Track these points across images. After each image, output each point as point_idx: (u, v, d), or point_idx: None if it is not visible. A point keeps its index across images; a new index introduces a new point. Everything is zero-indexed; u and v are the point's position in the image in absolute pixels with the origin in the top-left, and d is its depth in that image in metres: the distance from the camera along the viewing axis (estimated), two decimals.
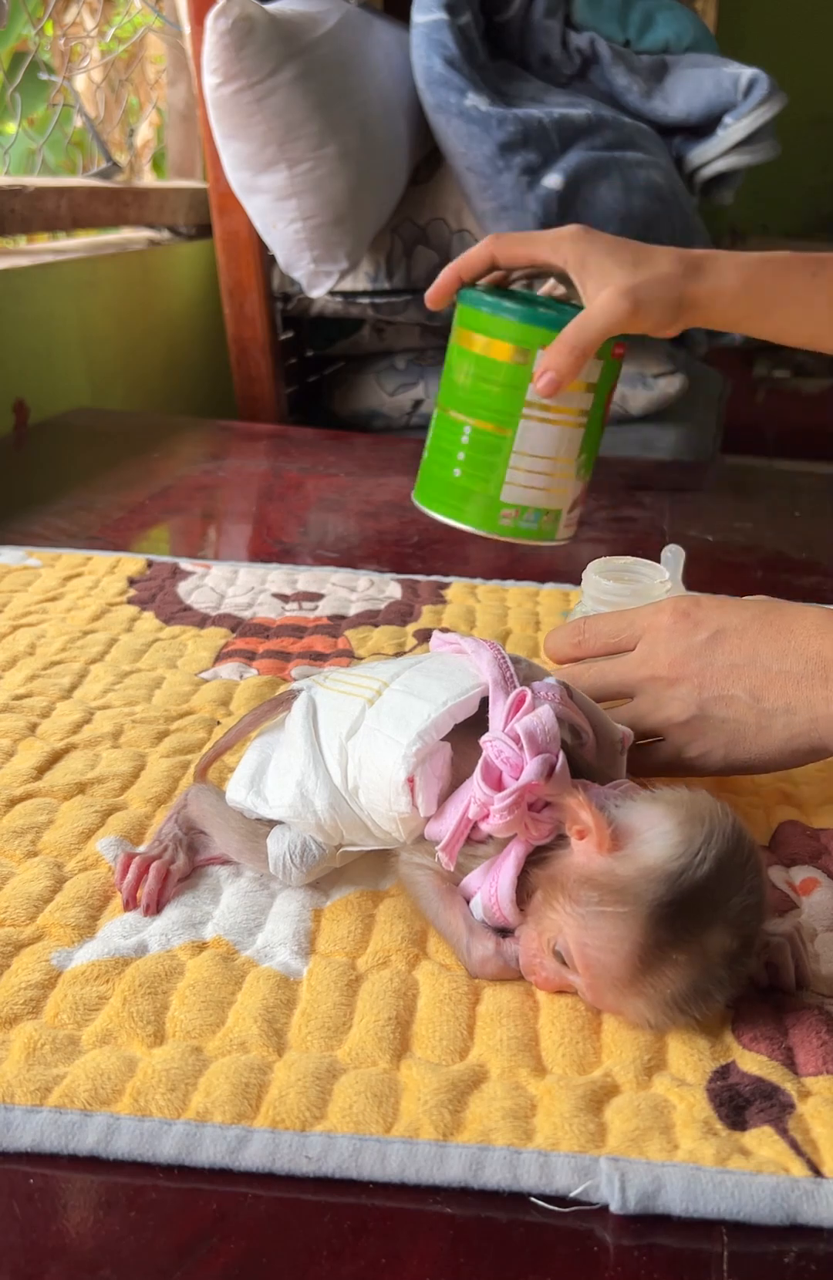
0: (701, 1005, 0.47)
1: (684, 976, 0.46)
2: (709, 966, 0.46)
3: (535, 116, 1.79)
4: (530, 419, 0.93)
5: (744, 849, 0.48)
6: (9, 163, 1.77)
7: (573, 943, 0.48)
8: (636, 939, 0.46)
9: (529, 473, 0.95)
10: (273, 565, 1.12)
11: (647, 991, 0.47)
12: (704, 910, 0.46)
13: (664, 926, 0.46)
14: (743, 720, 0.56)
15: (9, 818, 0.64)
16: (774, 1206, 0.42)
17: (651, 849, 0.48)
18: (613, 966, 0.47)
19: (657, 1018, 0.48)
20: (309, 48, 1.65)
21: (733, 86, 1.97)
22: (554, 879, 0.50)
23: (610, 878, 0.48)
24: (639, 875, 0.47)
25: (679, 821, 0.48)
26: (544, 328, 0.91)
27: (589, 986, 0.49)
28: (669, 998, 0.47)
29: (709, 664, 0.56)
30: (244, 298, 1.89)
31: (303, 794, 0.56)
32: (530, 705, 0.52)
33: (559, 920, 0.49)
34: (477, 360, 0.94)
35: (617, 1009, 0.49)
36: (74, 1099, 0.44)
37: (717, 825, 0.48)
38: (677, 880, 0.46)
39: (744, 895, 0.47)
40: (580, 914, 0.48)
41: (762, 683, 0.55)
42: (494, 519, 0.97)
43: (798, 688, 0.54)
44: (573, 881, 0.49)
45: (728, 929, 0.47)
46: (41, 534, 1.18)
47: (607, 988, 0.48)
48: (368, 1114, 0.44)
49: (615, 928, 0.47)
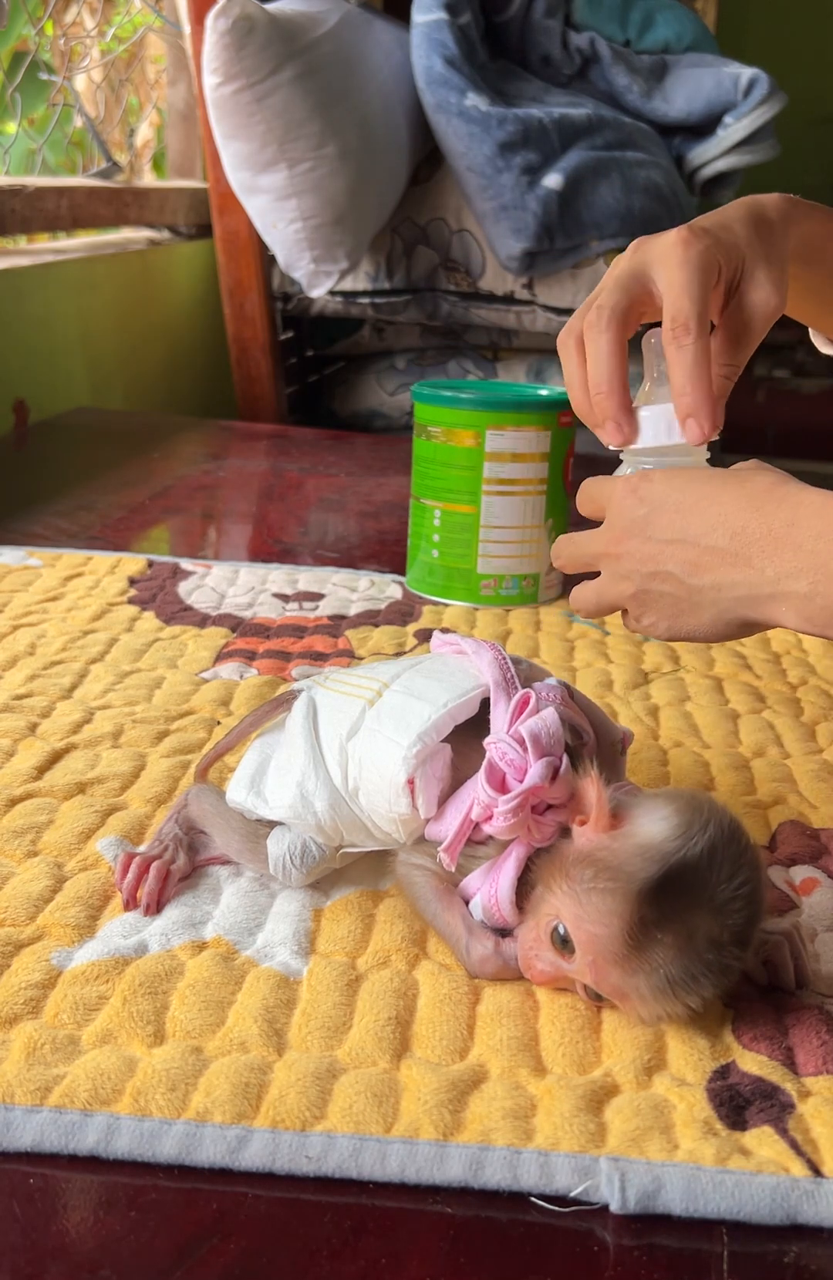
0: (691, 991, 0.47)
1: (673, 959, 0.46)
2: (697, 951, 0.46)
3: (535, 116, 1.79)
4: (492, 494, 1.01)
5: (739, 842, 0.48)
6: (9, 163, 1.77)
7: (570, 919, 0.48)
8: (623, 914, 0.47)
9: (500, 543, 1.03)
10: (273, 565, 1.12)
11: (645, 968, 0.47)
12: (691, 892, 0.47)
13: (650, 904, 0.46)
14: (678, 595, 0.55)
15: (9, 818, 0.64)
16: (774, 1206, 0.42)
17: (649, 830, 0.48)
18: (606, 940, 0.47)
19: (656, 1000, 0.47)
20: (309, 47, 1.65)
21: (733, 86, 1.97)
22: (553, 864, 0.50)
23: (607, 854, 0.48)
24: (634, 853, 0.48)
25: (678, 808, 0.49)
26: (494, 410, 1.00)
27: (591, 964, 0.48)
28: (664, 979, 0.47)
29: (648, 539, 0.56)
30: (244, 298, 1.89)
31: (303, 795, 0.56)
32: (535, 708, 0.52)
33: (557, 902, 0.49)
34: (438, 449, 1.02)
35: (621, 990, 0.48)
36: (74, 1099, 0.44)
37: (714, 816, 0.48)
38: (668, 860, 0.47)
39: (735, 886, 0.47)
40: (576, 891, 0.48)
41: (691, 558, 0.54)
42: (476, 591, 1.04)
43: (723, 563, 0.53)
44: (571, 861, 0.49)
45: (716, 916, 0.47)
46: (42, 534, 1.18)
47: (607, 964, 0.48)
48: (368, 1114, 0.44)
49: (605, 902, 0.47)
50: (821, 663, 0.95)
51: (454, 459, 1.01)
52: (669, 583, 0.56)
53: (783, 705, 0.86)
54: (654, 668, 0.92)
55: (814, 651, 0.97)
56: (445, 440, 1.01)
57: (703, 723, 0.82)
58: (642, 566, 0.56)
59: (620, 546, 0.57)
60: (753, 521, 0.53)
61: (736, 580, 0.53)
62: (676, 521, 0.55)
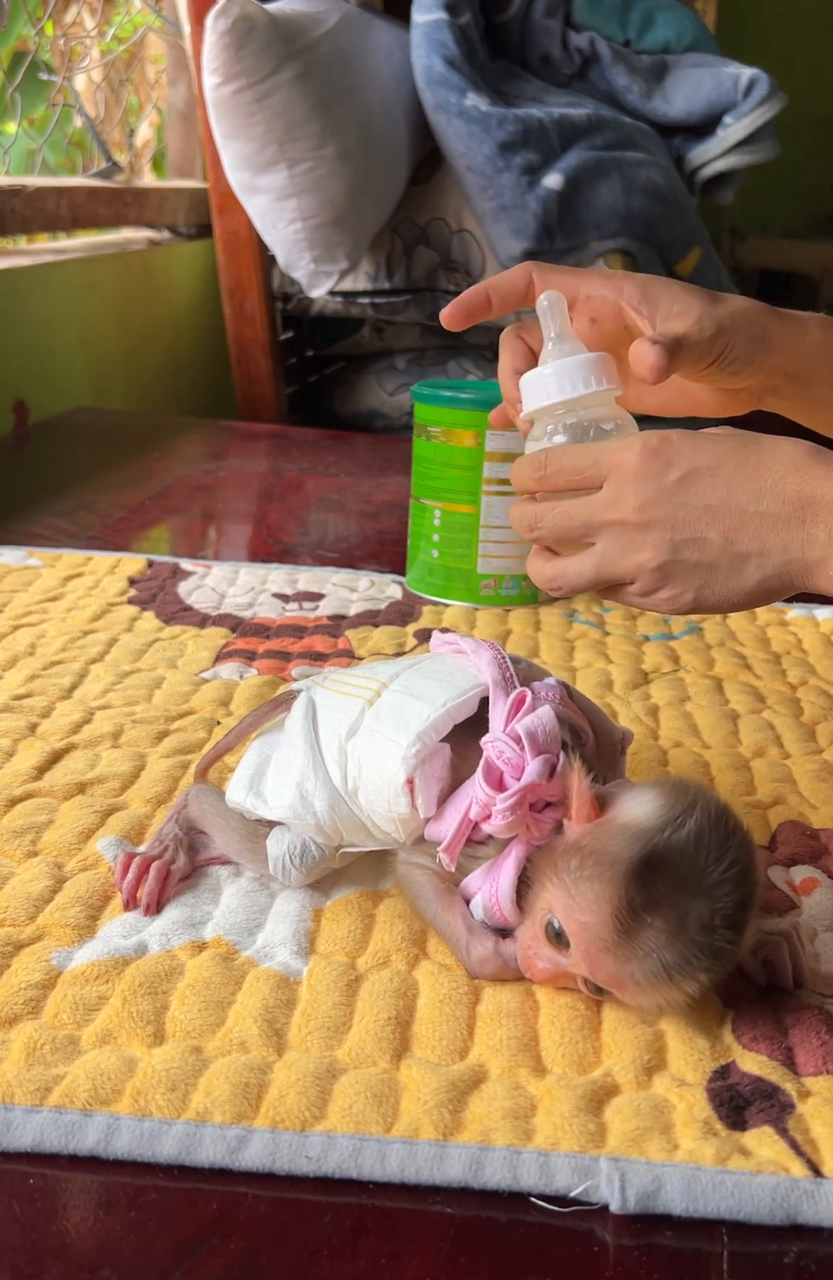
0: (687, 976, 0.47)
1: (664, 944, 0.46)
2: (688, 934, 0.46)
3: (535, 116, 1.79)
4: (492, 494, 1.01)
5: (727, 824, 0.48)
6: (9, 163, 1.77)
7: (562, 912, 0.48)
8: (611, 899, 0.47)
9: (499, 543, 1.03)
10: (273, 565, 1.12)
11: (637, 954, 0.47)
12: (679, 875, 0.46)
13: (637, 886, 0.46)
14: (715, 563, 0.53)
15: (9, 818, 0.64)
16: (774, 1206, 0.42)
17: (630, 812, 0.49)
18: (596, 928, 0.47)
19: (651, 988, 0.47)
20: (309, 48, 1.65)
21: (733, 86, 1.97)
22: (546, 858, 0.50)
23: (592, 841, 0.48)
24: (618, 834, 0.48)
25: (662, 792, 0.49)
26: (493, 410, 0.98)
27: (584, 955, 0.48)
28: (658, 964, 0.46)
29: (682, 505, 0.53)
30: (244, 298, 1.89)
31: (302, 795, 0.56)
32: (531, 706, 0.52)
33: (549, 896, 0.49)
34: (437, 449, 1.02)
35: (617, 980, 0.48)
36: (74, 1099, 0.44)
37: (701, 800, 0.48)
38: (651, 840, 0.47)
39: (723, 868, 0.47)
40: (565, 882, 0.48)
41: (736, 524, 0.52)
42: (475, 591, 1.04)
43: (774, 529, 0.52)
44: (559, 854, 0.49)
45: (705, 898, 0.47)
46: (42, 534, 1.18)
47: (599, 953, 0.48)
48: (368, 1114, 0.44)
49: (593, 889, 0.47)
50: (821, 663, 0.95)
51: (454, 459, 1.01)
52: (707, 550, 0.54)
53: (783, 705, 0.86)
54: (654, 668, 0.92)
55: (814, 652, 0.97)
56: (445, 440, 1.01)
57: (703, 723, 0.82)
58: (675, 534, 0.54)
59: (646, 514, 0.54)
60: (805, 486, 0.52)
61: (786, 544, 0.52)
62: (715, 486, 0.53)
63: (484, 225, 1.83)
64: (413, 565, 1.07)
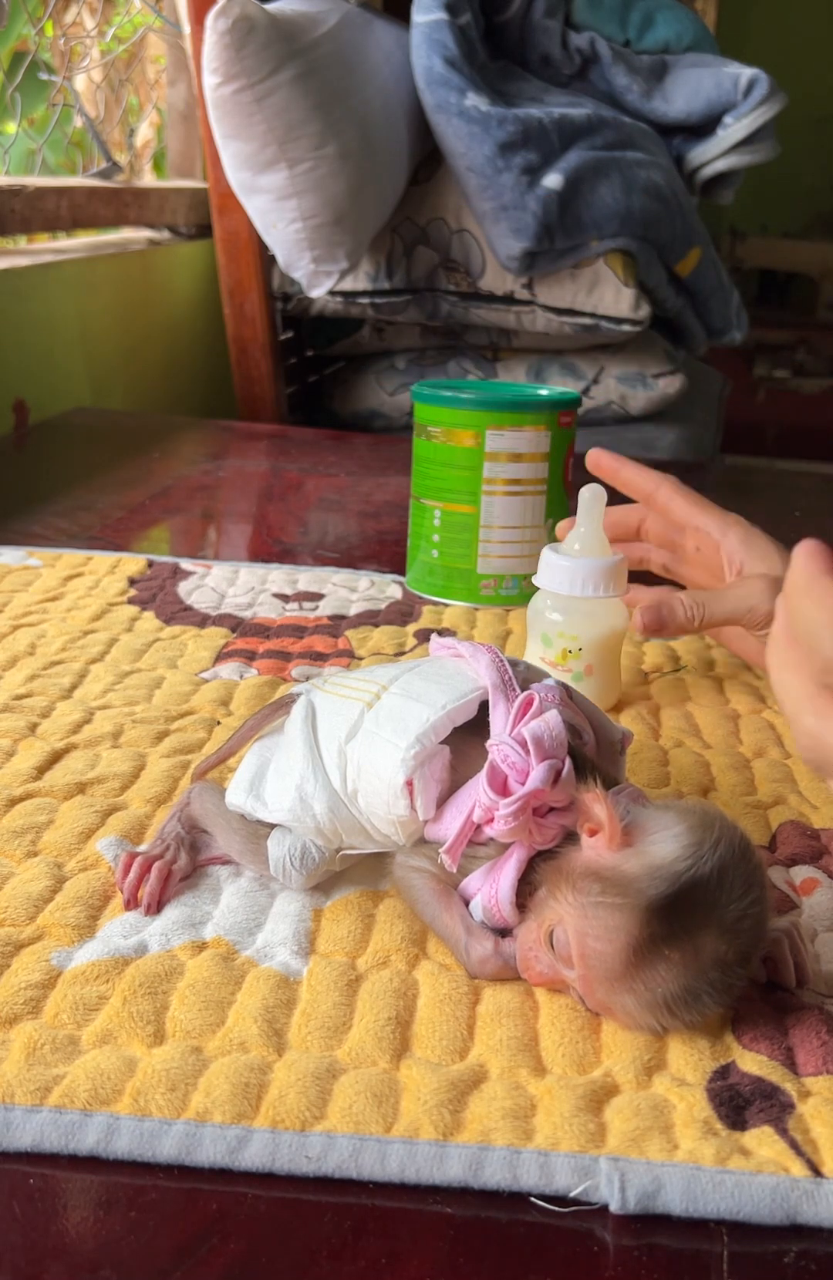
0: (691, 1009, 0.47)
1: (676, 977, 0.46)
2: (702, 970, 0.46)
3: (535, 116, 1.79)
4: (492, 494, 1.01)
5: (750, 861, 0.48)
6: (9, 163, 1.77)
7: (573, 932, 0.48)
8: (631, 930, 0.46)
9: (500, 543, 1.03)
10: (273, 565, 1.12)
11: (638, 988, 0.47)
12: (701, 910, 0.46)
13: (660, 920, 0.46)
14: None
15: (9, 818, 0.64)
16: (774, 1206, 0.42)
17: (660, 849, 0.48)
18: (608, 957, 0.47)
19: (645, 1018, 0.48)
20: (309, 48, 1.65)
21: (733, 86, 1.97)
22: (560, 870, 0.50)
23: (616, 873, 0.48)
24: (645, 872, 0.47)
25: (690, 826, 0.48)
26: (494, 410, 1.01)
27: (581, 978, 0.48)
28: (660, 998, 0.47)
29: None
30: (244, 298, 1.89)
31: (302, 798, 0.56)
32: (538, 709, 0.52)
33: (561, 910, 0.49)
34: (437, 449, 1.02)
35: (607, 1006, 0.49)
36: (74, 1099, 0.44)
37: (725, 833, 0.48)
38: (678, 879, 0.46)
39: (745, 905, 0.47)
40: (582, 904, 0.48)
41: None
42: (476, 591, 1.04)
43: None
44: (579, 874, 0.49)
45: (724, 934, 0.46)
46: (42, 534, 1.18)
47: (599, 980, 0.48)
48: (368, 1114, 0.44)
49: (613, 918, 0.47)
50: None
51: (454, 459, 1.01)
52: None
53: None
54: (654, 668, 0.92)
55: None
56: (445, 440, 1.01)
57: (703, 723, 0.82)
58: None
59: None
60: None
61: None
62: None
63: (484, 225, 1.83)
64: (413, 565, 1.07)
